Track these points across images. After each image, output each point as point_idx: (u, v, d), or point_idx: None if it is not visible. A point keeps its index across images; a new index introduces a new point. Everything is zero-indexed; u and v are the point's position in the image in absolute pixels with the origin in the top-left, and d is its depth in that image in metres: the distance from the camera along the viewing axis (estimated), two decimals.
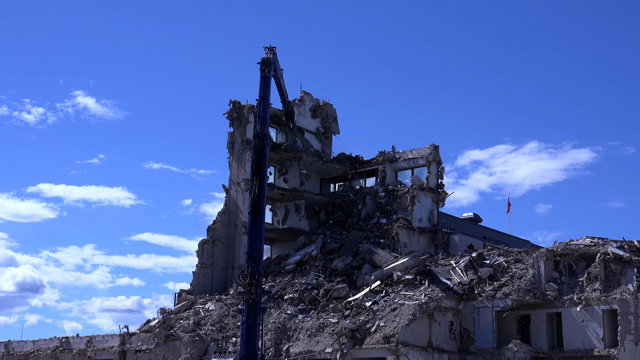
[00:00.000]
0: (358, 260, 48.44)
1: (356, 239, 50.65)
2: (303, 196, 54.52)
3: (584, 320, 39.40)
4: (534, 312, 41.28)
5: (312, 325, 42.76)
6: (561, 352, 39.92)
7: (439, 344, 40.92)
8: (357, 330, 40.48)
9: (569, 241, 43.01)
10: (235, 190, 54.12)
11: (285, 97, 49.08)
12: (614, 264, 40.06)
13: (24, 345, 53.39)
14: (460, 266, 44.34)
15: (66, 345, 50.15)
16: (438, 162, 54.74)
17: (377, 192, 54.46)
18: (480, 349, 41.10)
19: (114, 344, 47.19)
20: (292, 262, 50.48)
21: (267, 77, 39.46)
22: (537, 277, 41.60)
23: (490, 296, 41.39)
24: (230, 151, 55.12)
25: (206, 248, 52.79)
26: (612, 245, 41.10)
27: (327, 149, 59.12)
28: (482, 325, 41.43)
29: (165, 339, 44.47)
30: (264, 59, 39.65)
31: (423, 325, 40.32)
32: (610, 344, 38.62)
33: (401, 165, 55.87)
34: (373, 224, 52.58)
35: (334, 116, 59.92)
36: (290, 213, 54.90)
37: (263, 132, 37.79)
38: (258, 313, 35.38)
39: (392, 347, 38.64)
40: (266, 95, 39.20)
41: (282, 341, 42.92)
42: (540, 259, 41.82)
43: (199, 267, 52.35)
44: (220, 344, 43.99)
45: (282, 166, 56.02)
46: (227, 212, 53.97)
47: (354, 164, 58.11)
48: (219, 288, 52.21)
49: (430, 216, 53.90)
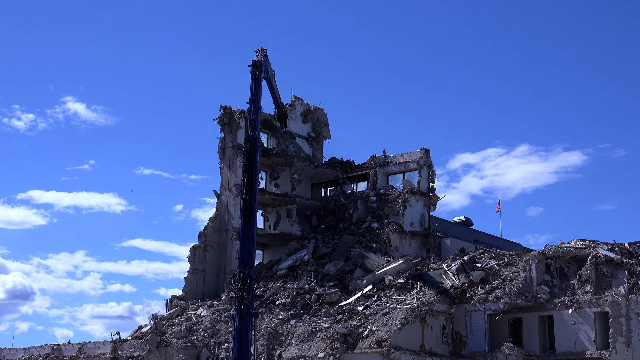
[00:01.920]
0: (350, 264, 48.43)
1: (348, 243, 50.65)
2: (294, 201, 54.49)
3: (575, 322, 39.48)
4: (525, 315, 41.34)
5: (304, 330, 42.72)
6: (553, 354, 39.99)
7: (432, 347, 40.94)
8: (350, 335, 40.47)
9: (560, 244, 43.10)
10: (226, 196, 54.05)
11: (278, 98, 48.58)
12: (605, 266, 40.15)
13: (15, 353, 53.08)
14: (452, 270, 44.38)
15: (58, 353, 49.94)
16: (429, 166, 54.80)
17: (368, 196, 54.48)
18: (472, 353, 41.14)
19: (106, 351, 47.03)
20: (284, 267, 50.44)
21: (257, 80, 39.26)
22: (529, 280, 41.68)
23: (482, 299, 41.45)
24: (222, 156, 55.05)
25: (198, 254, 52.66)
26: (603, 247, 41.19)
27: (319, 154, 59.12)
28: (474, 328, 41.48)
29: (157, 345, 44.35)
30: (255, 62, 39.46)
31: (415, 329, 40.33)
32: (602, 346, 38.70)
33: (392, 170, 55.90)
34: (365, 228, 52.58)
35: (325, 121, 59.93)
36: (281, 218, 54.85)
37: (254, 136, 37.67)
38: (250, 318, 35.31)
39: (384, 351, 38.65)
40: (257, 99, 38.99)
41: (275, 346, 42.87)
42: (532, 262, 41.91)
43: (190, 273, 52.22)
44: (213, 350, 43.90)
45: (273, 171, 55.97)
46: (218, 218, 53.89)
47: (345, 168, 58.10)
48: (211, 294, 52.10)
49: (422, 220, 53.94)
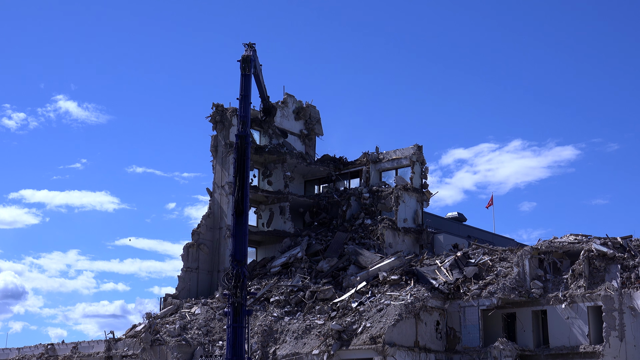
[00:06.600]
0: (343, 261, 48.43)
1: (341, 240, 50.64)
2: (287, 198, 54.44)
3: (569, 317, 39.55)
4: (519, 310, 41.39)
5: (298, 328, 42.71)
6: (547, 349, 40.06)
7: (426, 343, 40.97)
8: (344, 332, 40.48)
9: (553, 239, 43.16)
10: (219, 194, 54.00)
11: (264, 92, 48.03)
12: (598, 260, 40.22)
13: (8, 352, 52.99)
14: (445, 266, 44.42)
15: (52, 352, 49.86)
16: (422, 162, 54.81)
17: (361, 193, 54.47)
18: (466, 348, 41.18)
19: (100, 350, 46.97)
20: (277, 265, 50.41)
21: (247, 76, 39.09)
22: (522, 275, 41.73)
23: (476, 295, 41.49)
24: (214, 154, 55.00)
25: (191, 252, 52.62)
26: (596, 242, 41.26)
27: (311, 151, 59.07)
28: (468, 324, 41.52)
29: (152, 343, 44.30)
30: (244, 57, 39.24)
31: (409, 325, 40.36)
32: (596, 341, 38.77)
33: (385, 166, 55.89)
34: (358, 225, 52.58)
35: (317, 118, 59.89)
36: (274, 215, 54.81)
37: (245, 132, 37.56)
38: (244, 316, 35.31)
39: (378, 347, 38.66)
40: (247, 94, 38.84)
41: (269, 344, 42.85)
42: (525, 257, 41.96)
43: (184, 271, 52.18)
44: (207, 347, 43.86)
45: (266, 169, 55.90)
46: (211, 216, 53.84)
47: (338, 165, 58.06)
48: (205, 292, 52.06)
49: (415, 216, 53.96)
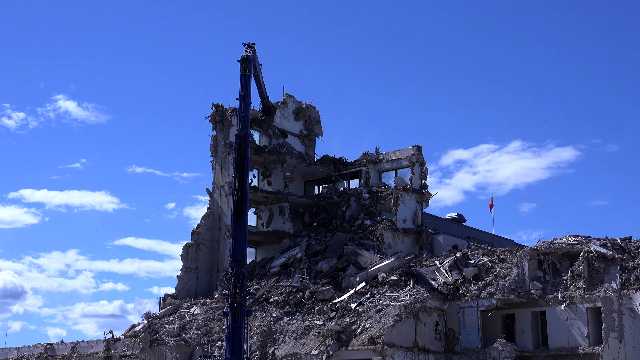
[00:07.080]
0: (343, 262, 48.44)
1: (341, 240, 50.65)
2: (287, 199, 54.45)
3: (568, 318, 39.55)
4: (518, 311, 41.40)
5: (297, 328, 42.71)
6: (546, 350, 40.06)
7: (425, 344, 40.96)
8: (343, 332, 40.48)
9: (553, 240, 43.16)
10: (219, 194, 54.00)
11: (264, 92, 48.01)
12: (597, 262, 40.23)
13: (7, 352, 52.96)
14: (444, 266, 44.41)
15: (51, 352, 49.82)
16: (421, 162, 54.80)
17: (361, 193, 54.47)
18: (465, 349, 41.17)
19: (99, 350, 46.94)
20: (276, 265, 50.41)
21: (247, 76, 39.04)
22: (522, 276, 41.73)
23: (475, 296, 41.48)
24: (214, 154, 55.00)
25: (191, 252, 52.61)
26: (596, 243, 41.28)
27: (311, 151, 59.08)
28: (468, 325, 41.51)
29: (151, 343, 44.29)
30: (244, 57, 39.16)
31: (408, 325, 40.36)
32: (595, 342, 38.77)
33: (385, 167, 55.91)
34: (357, 225, 52.58)
35: (317, 118, 59.89)
36: (274, 216, 54.81)
37: (244, 132, 37.55)
38: (243, 316, 35.31)
39: (377, 348, 38.66)
40: (247, 95, 38.80)
41: (268, 344, 42.85)
42: (524, 258, 41.96)
43: (183, 271, 52.17)
44: (206, 348, 43.85)
45: (265, 169, 55.90)
46: (211, 216, 53.84)
47: (338, 165, 58.07)
48: (204, 292, 52.06)
49: (414, 217, 53.96)
